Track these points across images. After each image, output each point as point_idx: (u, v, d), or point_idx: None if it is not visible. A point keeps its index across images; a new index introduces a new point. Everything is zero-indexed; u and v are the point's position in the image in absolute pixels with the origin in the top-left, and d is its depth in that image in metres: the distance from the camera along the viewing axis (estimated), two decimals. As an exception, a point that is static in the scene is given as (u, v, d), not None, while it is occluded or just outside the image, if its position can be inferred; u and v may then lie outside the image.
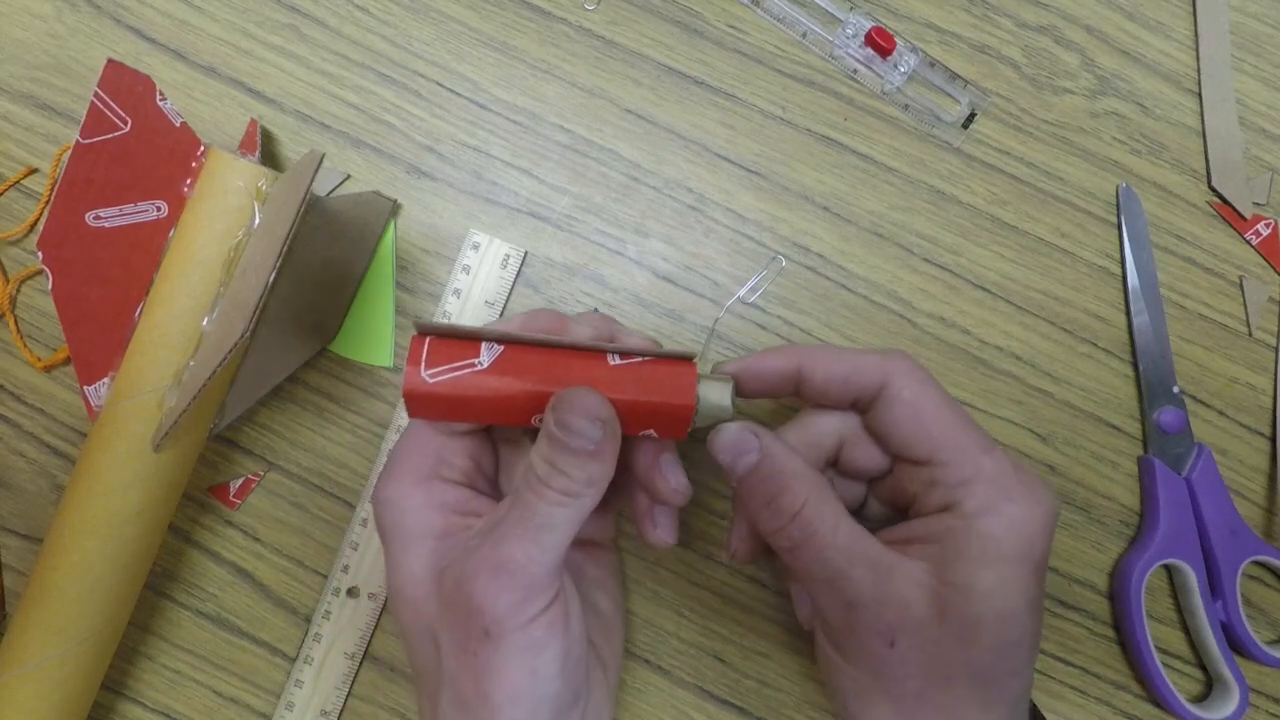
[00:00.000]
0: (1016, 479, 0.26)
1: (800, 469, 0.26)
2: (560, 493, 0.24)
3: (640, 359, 0.26)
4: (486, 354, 0.26)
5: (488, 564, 0.24)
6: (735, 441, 0.26)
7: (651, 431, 0.27)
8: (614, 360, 0.26)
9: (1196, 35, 0.37)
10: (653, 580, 0.35)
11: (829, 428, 0.29)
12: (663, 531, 0.28)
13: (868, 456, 0.28)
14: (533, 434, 0.30)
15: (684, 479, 0.27)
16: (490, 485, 0.29)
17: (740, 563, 0.29)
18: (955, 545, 0.25)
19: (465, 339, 0.26)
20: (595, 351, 0.26)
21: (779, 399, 0.33)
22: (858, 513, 0.30)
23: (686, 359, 0.26)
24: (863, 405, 0.28)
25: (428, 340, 0.26)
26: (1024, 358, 0.36)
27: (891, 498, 0.29)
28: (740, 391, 0.28)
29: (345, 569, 0.34)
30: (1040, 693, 0.35)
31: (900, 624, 0.25)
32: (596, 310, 0.29)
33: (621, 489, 0.29)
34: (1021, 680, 0.26)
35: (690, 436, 0.27)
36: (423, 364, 0.25)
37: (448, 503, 0.27)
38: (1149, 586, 0.35)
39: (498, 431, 0.30)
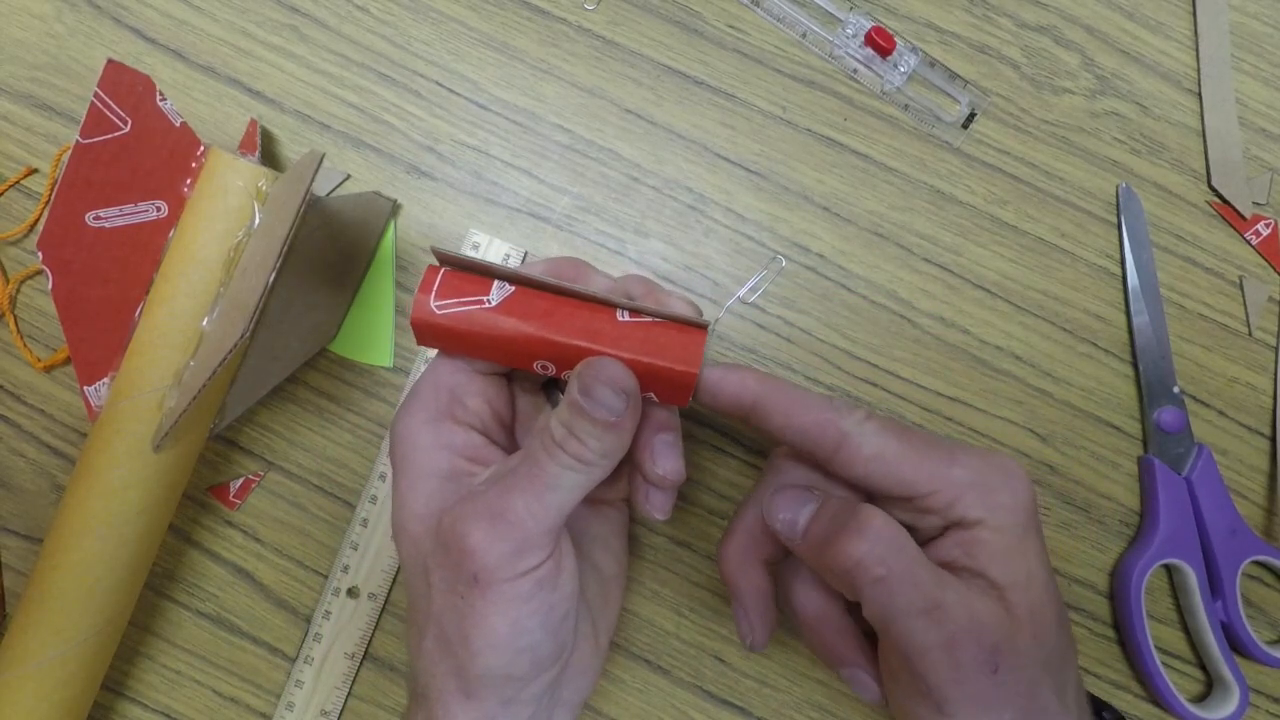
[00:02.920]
0: (986, 467, 0.26)
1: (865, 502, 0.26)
2: (573, 457, 0.24)
3: (650, 319, 0.26)
4: (497, 292, 0.26)
5: (487, 511, 0.24)
6: (790, 498, 0.26)
7: (651, 395, 0.26)
8: (623, 316, 0.26)
9: (1196, 35, 0.37)
10: (653, 580, 0.35)
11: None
12: (653, 507, 0.27)
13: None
14: (549, 386, 0.30)
15: (676, 464, 0.27)
16: (505, 435, 0.29)
17: (761, 647, 0.28)
18: (984, 552, 0.25)
19: (479, 274, 0.26)
20: (606, 305, 0.26)
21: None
22: None
23: (699, 326, 0.26)
24: (817, 460, 0.27)
25: (442, 272, 0.26)
26: (1024, 358, 0.36)
27: None
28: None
29: (345, 569, 0.34)
30: (1040, 693, 0.35)
31: (999, 644, 0.24)
32: (637, 274, 0.29)
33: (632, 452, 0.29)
34: (1073, 651, 0.26)
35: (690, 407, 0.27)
36: (433, 294, 0.26)
37: (456, 445, 0.27)
38: (1149, 586, 0.35)
39: (517, 382, 0.30)
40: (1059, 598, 0.26)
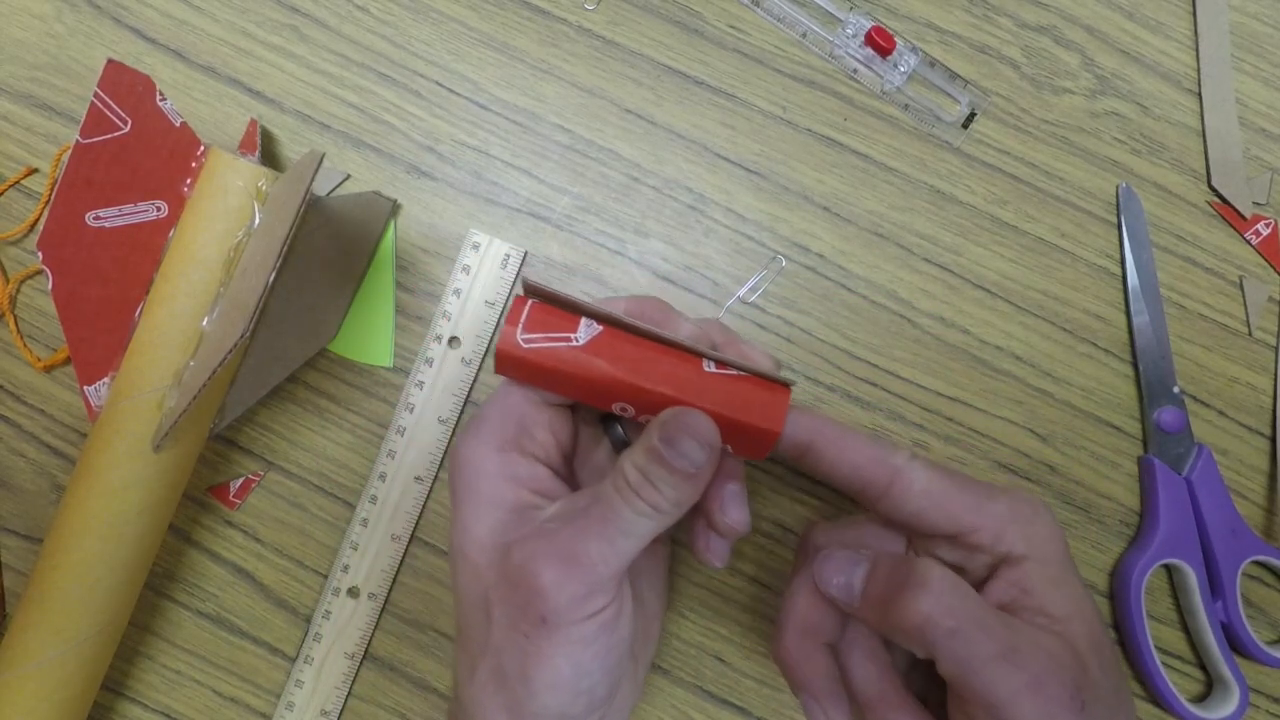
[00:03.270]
0: (1019, 502, 0.27)
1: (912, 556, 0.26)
2: (648, 504, 0.24)
3: (736, 372, 0.26)
4: (584, 331, 0.25)
5: (561, 553, 0.24)
6: (841, 560, 0.26)
7: (726, 446, 0.26)
8: (709, 367, 0.26)
9: (1196, 35, 0.37)
10: (653, 580, 0.35)
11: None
12: (713, 555, 0.28)
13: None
14: (606, 420, 0.30)
15: (744, 514, 0.27)
16: (565, 465, 0.29)
17: None
18: (1038, 587, 0.25)
19: (567, 310, 0.26)
20: (692, 354, 0.26)
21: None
22: None
23: (783, 384, 0.26)
24: (868, 498, 0.28)
25: (530, 304, 0.26)
26: (1024, 358, 0.36)
27: None
28: None
29: (345, 569, 0.34)
30: (1040, 693, 0.35)
31: (1077, 679, 0.24)
32: (717, 322, 0.29)
33: None
34: (1125, 680, 0.27)
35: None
36: (520, 327, 0.25)
37: (521, 477, 0.27)
38: (1149, 586, 0.35)
39: (581, 413, 0.30)
40: (1106, 626, 0.26)
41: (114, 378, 0.31)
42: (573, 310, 0.26)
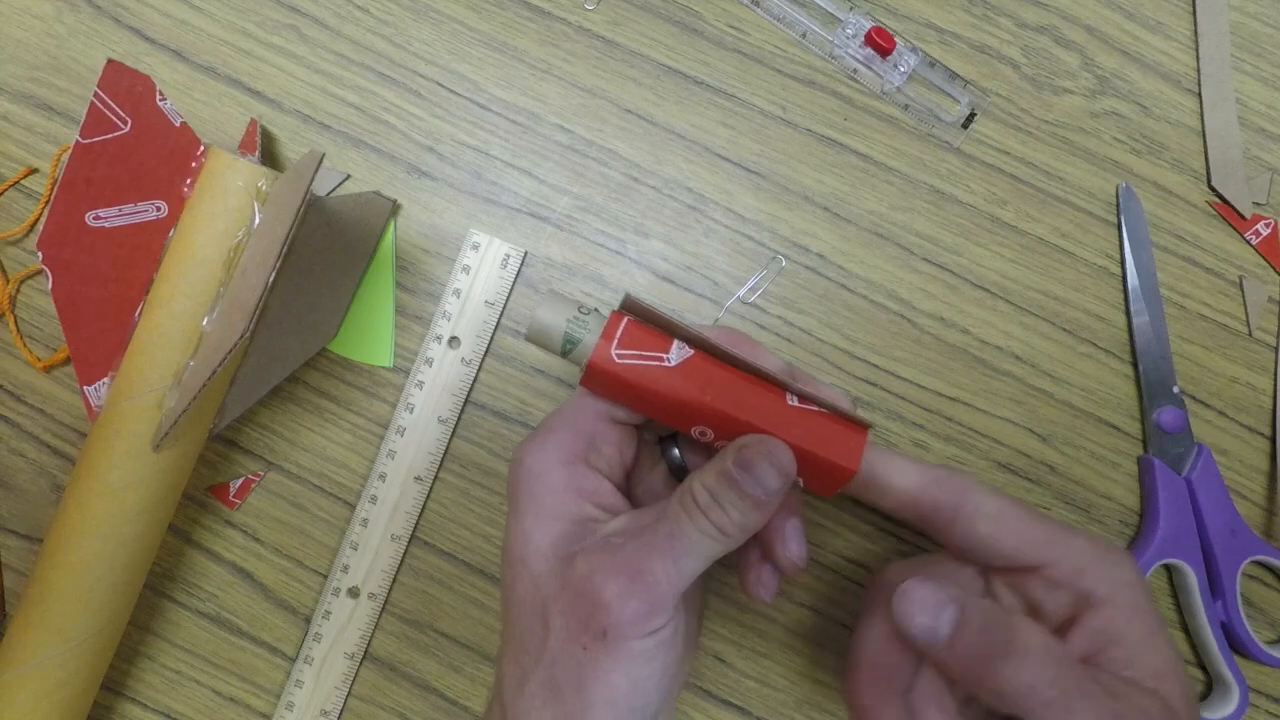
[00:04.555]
0: (1101, 544, 0.26)
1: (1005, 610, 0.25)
2: (715, 525, 0.24)
3: (817, 409, 0.26)
4: (676, 353, 0.26)
5: (626, 568, 0.24)
6: (926, 597, 0.24)
7: (798, 479, 0.27)
8: (792, 401, 0.26)
9: (1196, 35, 0.37)
10: (653, 580, 0.35)
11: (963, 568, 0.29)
12: (764, 590, 0.28)
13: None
14: (665, 439, 0.30)
15: (805, 550, 0.27)
16: (626, 482, 0.29)
17: None
18: (1132, 641, 0.25)
19: (661, 329, 0.26)
20: (777, 386, 0.26)
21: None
22: None
23: (862, 425, 0.26)
24: (938, 524, 0.27)
25: (626, 321, 0.26)
26: (1024, 358, 0.36)
27: None
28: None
29: (345, 569, 0.34)
30: (1040, 693, 0.35)
31: None
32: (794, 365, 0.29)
33: None
34: None
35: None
36: (615, 342, 0.26)
37: (586, 490, 0.27)
38: (1149, 586, 0.35)
39: (644, 430, 0.30)
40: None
41: (114, 378, 0.31)
42: (667, 331, 0.26)
